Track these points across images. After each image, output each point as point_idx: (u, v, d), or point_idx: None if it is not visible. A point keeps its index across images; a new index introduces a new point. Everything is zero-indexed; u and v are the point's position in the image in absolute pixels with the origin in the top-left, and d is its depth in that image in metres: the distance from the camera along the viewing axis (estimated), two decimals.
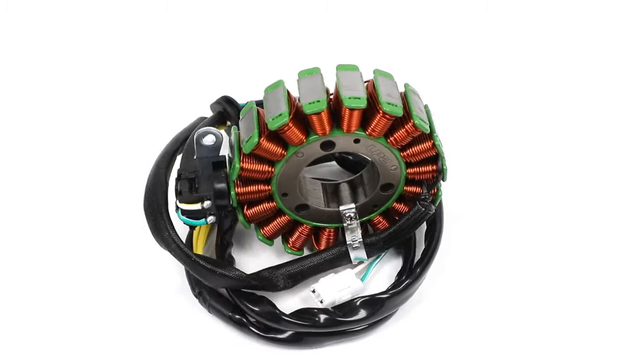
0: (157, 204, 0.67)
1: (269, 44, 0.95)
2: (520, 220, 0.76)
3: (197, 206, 0.66)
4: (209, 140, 0.68)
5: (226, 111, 0.77)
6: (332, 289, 0.68)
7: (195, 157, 0.68)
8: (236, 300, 0.67)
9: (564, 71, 0.92)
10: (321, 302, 0.68)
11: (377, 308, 0.66)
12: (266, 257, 0.73)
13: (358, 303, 0.66)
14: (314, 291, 0.68)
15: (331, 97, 0.65)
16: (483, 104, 0.89)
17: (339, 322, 0.66)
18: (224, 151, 0.68)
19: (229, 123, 0.77)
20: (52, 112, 0.88)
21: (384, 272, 0.72)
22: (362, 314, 0.66)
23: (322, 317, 0.66)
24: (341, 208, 0.70)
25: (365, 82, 0.66)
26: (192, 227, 0.68)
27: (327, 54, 0.90)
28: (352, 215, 0.70)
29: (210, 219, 0.67)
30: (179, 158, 0.71)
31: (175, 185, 0.67)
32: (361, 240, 0.69)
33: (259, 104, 0.68)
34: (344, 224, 0.70)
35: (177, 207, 0.66)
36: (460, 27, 0.99)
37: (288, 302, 0.70)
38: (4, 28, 0.97)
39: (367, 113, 0.64)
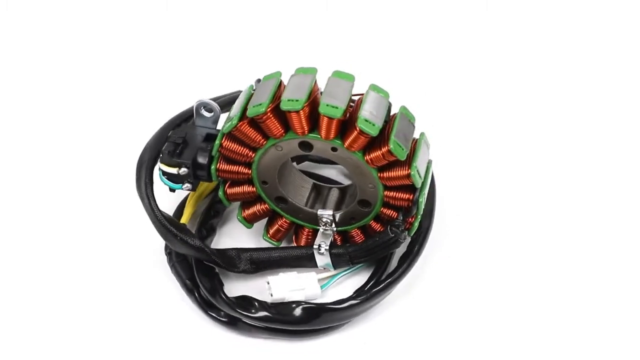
0: (147, 159, 0.69)
1: (290, 41, 0.96)
2: (515, 224, 0.76)
3: (174, 170, 0.68)
4: (206, 112, 0.70)
5: None
6: (285, 286, 0.69)
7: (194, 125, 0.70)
8: (194, 268, 0.69)
9: (563, 72, 0.92)
10: (271, 295, 0.68)
11: (314, 317, 0.66)
12: (246, 238, 0.74)
13: (297, 307, 0.66)
14: (268, 282, 0.69)
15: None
16: (482, 105, 0.88)
17: (271, 319, 0.66)
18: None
19: None
20: (58, 106, 0.89)
21: (353, 285, 0.71)
22: (298, 318, 0.66)
23: (258, 309, 0.66)
24: (319, 211, 0.70)
25: (359, 94, 0.65)
26: (171, 190, 0.71)
27: (344, 57, 0.90)
28: (327, 221, 0.70)
29: (186, 186, 0.69)
30: None
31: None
32: (327, 248, 0.69)
33: None
34: (320, 228, 0.70)
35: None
36: (460, 27, 0.97)
37: (243, 286, 0.71)
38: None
39: (348, 125, 0.64)
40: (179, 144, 0.68)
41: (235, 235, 0.75)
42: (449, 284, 0.71)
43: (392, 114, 0.66)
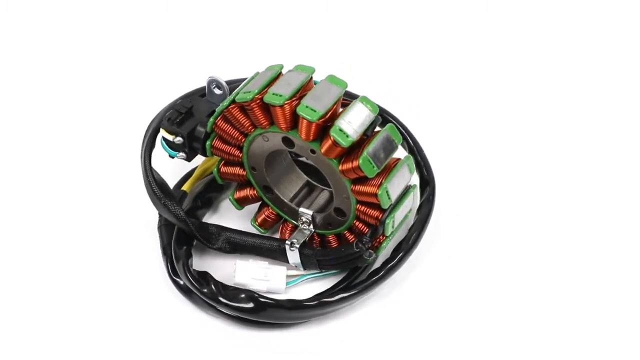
0: (154, 123, 0.72)
1: (305, 40, 0.96)
2: (515, 225, 0.75)
3: (170, 137, 0.70)
4: (217, 89, 0.71)
5: None
6: (249, 272, 0.69)
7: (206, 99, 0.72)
8: (173, 234, 0.72)
9: (562, 72, 0.91)
10: (234, 277, 0.70)
11: (259, 311, 0.66)
12: (238, 220, 0.75)
13: (245, 296, 0.66)
14: (235, 265, 0.70)
15: None
16: (482, 105, 0.87)
17: (218, 300, 0.66)
18: None
19: None
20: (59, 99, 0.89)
21: (321, 288, 0.71)
22: (243, 307, 0.66)
23: (210, 287, 0.67)
24: (300, 209, 0.70)
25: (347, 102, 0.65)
26: (170, 156, 0.73)
27: (349, 57, 0.91)
28: (306, 220, 0.70)
29: (181, 155, 0.71)
30: None
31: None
32: (298, 246, 0.69)
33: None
34: (299, 224, 0.70)
35: None
36: (460, 27, 0.97)
37: (221, 262, 0.72)
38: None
39: (327, 131, 0.63)
40: (182, 113, 0.70)
41: (229, 215, 0.76)
42: (448, 283, 0.71)
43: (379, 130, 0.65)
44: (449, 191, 0.76)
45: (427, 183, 0.73)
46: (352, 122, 0.62)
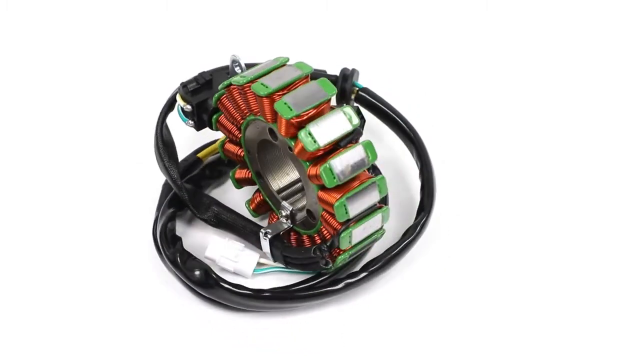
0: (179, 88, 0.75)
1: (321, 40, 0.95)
2: (515, 225, 0.75)
3: (182, 103, 0.73)
4: (238, 68, 0.73)
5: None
6: (221, 250, 0.71)
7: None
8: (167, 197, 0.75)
9: (562, 72, 0.91)
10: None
11: (209, 287, 0.67)
12: (239, 200, 0.77)
13: (199, 268, 0.67)
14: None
15: None
16: (482, 105, 0.87)
17: (175, 264, 0.68)
18: None
19: None
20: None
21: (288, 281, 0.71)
22: (193, 279, 0.67)
23: (173, 252, 0.69)
24: (282, 202, 0.71)
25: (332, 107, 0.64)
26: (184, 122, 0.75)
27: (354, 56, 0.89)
28: (286, 214, 0.70)
29: (190, 123, 0.74)
30: None
31: None
32: (269, 237, 0.69)
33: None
34: (279, 215, 0.71)
35: None
36: (460, 27, 0.96)
37: (202, 234, 0.74)
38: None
39: None
40: (199, 84, 0.73)
41: (234, 192, 0.77)
42: (447, 284, 0.71)
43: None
44: (449, 191, 0.76)
45: (422, 209, 0.71)
46: (325, 129, 0.62)
